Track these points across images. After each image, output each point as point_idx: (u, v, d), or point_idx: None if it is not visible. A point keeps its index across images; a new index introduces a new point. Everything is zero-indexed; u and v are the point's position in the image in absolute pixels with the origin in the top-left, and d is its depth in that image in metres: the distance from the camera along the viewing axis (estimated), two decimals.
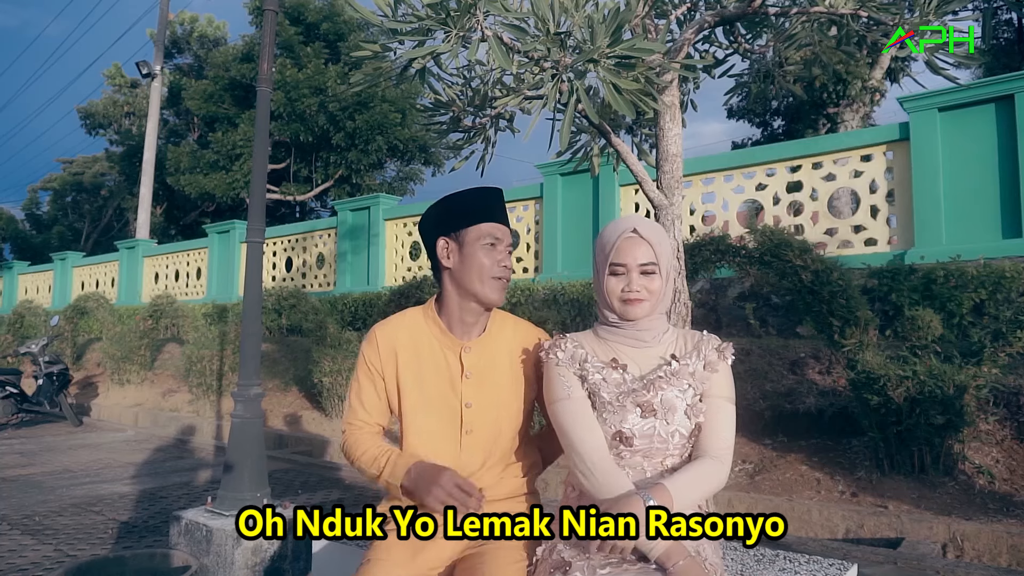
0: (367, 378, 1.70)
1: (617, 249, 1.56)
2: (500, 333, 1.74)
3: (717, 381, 1.55)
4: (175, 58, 22.91)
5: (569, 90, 2.02)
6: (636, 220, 1.59)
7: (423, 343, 1.70)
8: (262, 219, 2.88)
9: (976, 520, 3.65)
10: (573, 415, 1.53)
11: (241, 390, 2.93)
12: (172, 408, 8.98)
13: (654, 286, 1.55)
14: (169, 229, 23.26)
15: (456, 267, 1.67)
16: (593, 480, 1.48)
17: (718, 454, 1.53)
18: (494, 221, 1.68)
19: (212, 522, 2.63)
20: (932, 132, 6.31)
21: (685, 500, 1.46)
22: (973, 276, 5.33)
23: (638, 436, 1.51)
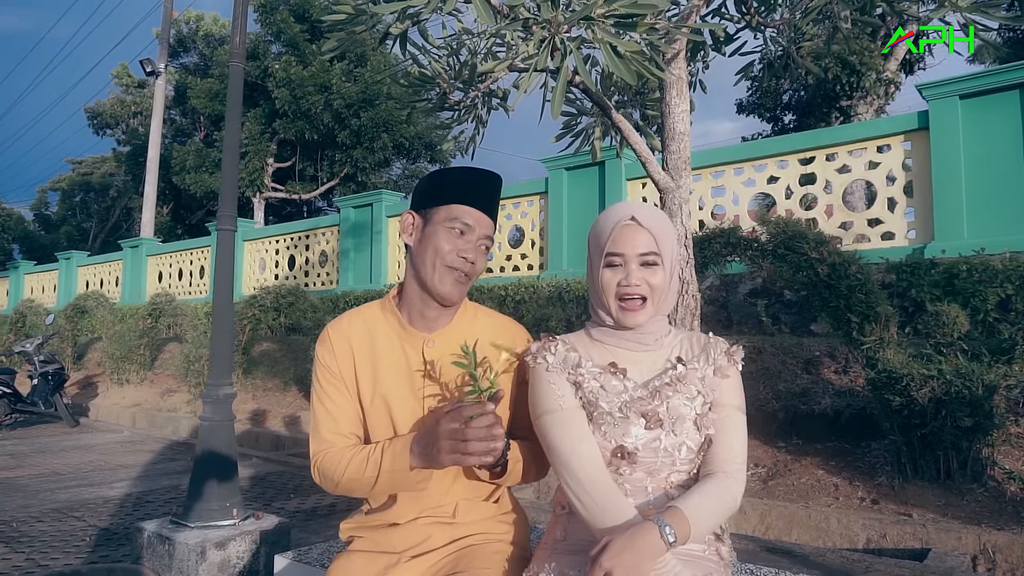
0: (329, 385, 1.46)
1: (613, 239, 1.35)
2: (470, 325, 1.51)
3: (727, 388, 1.36)
4: (181, 57, 22.82)
5: (562, 53, 1.80)
6: (635, 206, 1.37)
7: (379, 337, 1.48)
8: (234, 206, 2.67)
9: (1009, 530, 3.40)
10: (565, 428, 1.31)
11: (210, 390, 2.72)
12: (170, 408, 8.82)
13: (656, 279, 1.33)
14: (176, 228, 23.20)
15: (415, 246, 1.46)
16: (589, 502, 1.26)
17: (732, 470, 1.32)
18: (471, 205, 1.43)
19: (176, 535, 2.42)
20: (953, 120, 6.04)
21: (703, 528, 1.24)
22: (999, 270, 5.06)
23: (642, 450, 1.30)
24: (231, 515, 2.56)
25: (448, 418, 1.24)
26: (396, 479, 1.33)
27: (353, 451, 1.39)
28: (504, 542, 1.43)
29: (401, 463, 1.31)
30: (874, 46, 10.54)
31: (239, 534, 2.50)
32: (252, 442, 7.07)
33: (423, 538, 1.39)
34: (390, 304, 1.51)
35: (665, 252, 1.34)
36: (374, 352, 1.46)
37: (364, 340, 1.47)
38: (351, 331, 1.48)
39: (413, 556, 1.37)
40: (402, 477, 1.32)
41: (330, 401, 1.44)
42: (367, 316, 1.51)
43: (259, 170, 17.45)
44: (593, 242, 1.40)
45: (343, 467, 1.37)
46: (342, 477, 1.37)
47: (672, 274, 1.36)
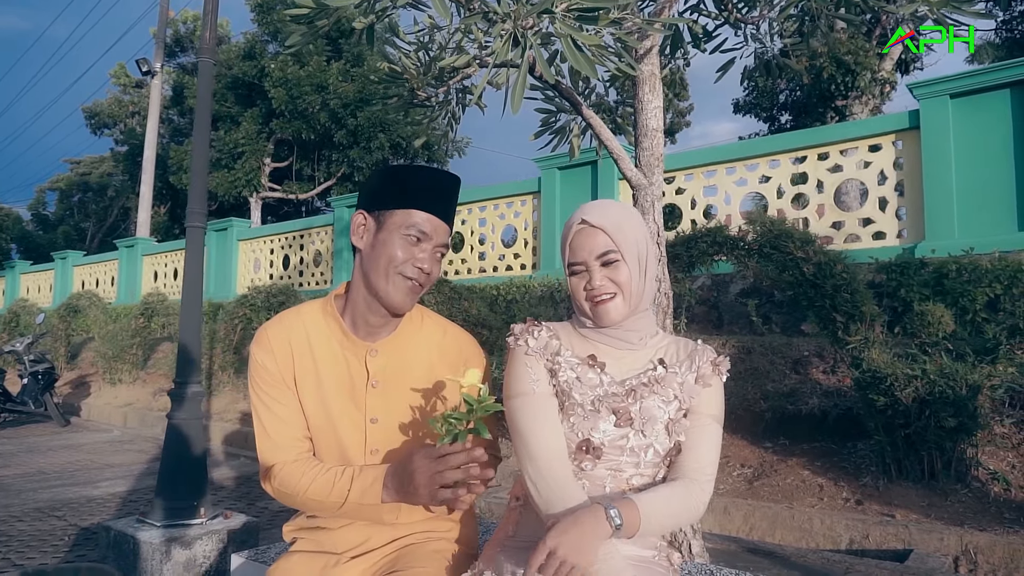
0: (272, 388, 1.36)
1: (571, 247, 1.33)
2: (416, 332, 1.44)
3: (707, 398, 1.33)
4: (178, 57, 22.82)
5: (523, 46, 1.78)
6: (586, 208, 1.34)
7: (320, 345, 1.39)
8: (204, 202, 2.64)
9: (991, 531, 3.37)
10: (534, 413, 1.29)
11: (178, 388, 2.70)
12: (162, 408, 8.79)
13: (620, 276, 1.30)
14: (173, 228, 23.19)
15: (367, 251, 1.36)
16: (544, 489, 1.24)
17: (699, 478, 1.29)
18: (429, 212, 1.35)
19: (141, 533, 2.40)
20: (944, 120, 6.02)
21: (655, 523, 1.21)
22: (987, 270, 5.04)
23: (607, 447, 1.28)
24: (198, 514, 2.54)
25: (423, 455, 1.20)
26: (365, 511, 1.29)
27: (315, 471, 1.32)
28: (446, 540, 1.40)
29: (372, 497, 1.27)
30: (869, 46, 10.51)
31: (205, 533, 2.48)
32: (241, 442, 7.04)
33: (363, 539, 1.36)
34: (331, 308, 1.42)
35: (625, 247, 1.31)
36: (315, 359, 1.38)
37: (303, 345, 1.39)
38: (291, 334, 1.39)
39: (353, 556, 1.34)
40: (372, 511, 1.28)
41: (277, 404, 1.36)
42: (307, 319, 1.42)
43: (256, 170, 17.44)
44: (561, 248, 1.39)
45: (304, 486, 1.31)
46: (302, 495, 1.32)
47: (641, 267, 1.33)
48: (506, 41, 1.77)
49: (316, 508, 1.34)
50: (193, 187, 2.61)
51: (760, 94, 13.90)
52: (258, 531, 2.73)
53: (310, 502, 1.32)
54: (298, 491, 1.32)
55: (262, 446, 1.38)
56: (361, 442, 1.37)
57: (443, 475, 1.18)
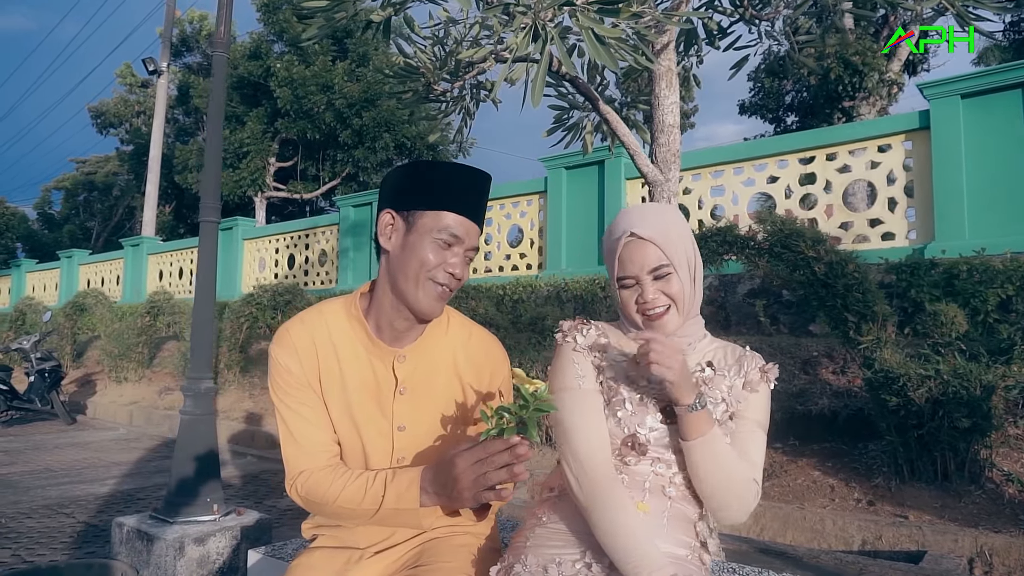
0: (297, 391, 1.30)
1: (620, 260, 1.30)
2: (443, 336, 1.39)
3: (754, 403, 1.32)
4: (184, 56, 22.85)
5: (544, 39, 1.76)
6: (633, 218, 1.30)
7: (345, 349, 1.33)
8: (217, 197, 2.63)
9: (1006, 533, 3.34)
10: (580, 408, 1.29)
11: (191, 383, 2.68)
12: (168, 406, 8.80)
13: (673, 288, 1.29)
14: (178, 228, 23.23)
15: (395, 252, 1.29)
16: (585, 483, 1.24)
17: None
18: (462, 215, 1.28)
19: (154, 530, 2.39)
20: (954, 120, 5.99)
21: (713, 449, 1.24)
22: (999, 271, 5.01)
23: (653, 443, 1.28)
24: (211, 511, 2.52)
25: (466, 457, 1.15)
26: (402, 517, 1.24)
27: (345, 478, 1.27)
28: (471, 534, 1.37)
29: (409, 502, 1.21)
30: (876, 46, 10.47)
31: (219, 530, 2.46)
32: (248, 440, 7.04)
33: (387, 534, 1.33)
34: (356, 310, 1.35)
35: (676, 258, 1.28)
36: (339, 362, 1.32)
37: (328, 347, 1.33)
38: (315, 335, 1.33)
39: (376, 551, 1.32)
40: (410, 516, 1.23)
41: (301, 406, 1.30)
42: (329, 319, 1.35)
43: (261, 169, 17.45)
44: (606, 259, 1.36)
45: (334, 494, 1.26)
46: (332, 504, 1.27)
47: (693, 273, 1.31)
48: (526, 34, 1.75)
49: (348, 517, 1.29)
50: (206, 182, 2.60)
51: (766, 95, 13.87)
52: (271, 528, 2.72)
53: (341, 510, 1.27)
54: (327, 499, 1.27)
55: (288, 452, 1.32)
56: (388, 450, 1.33)
57: (487, 476, 1.14)
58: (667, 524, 1.25)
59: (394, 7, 1.96)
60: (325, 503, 1.28)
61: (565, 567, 1.21)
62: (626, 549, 1.17)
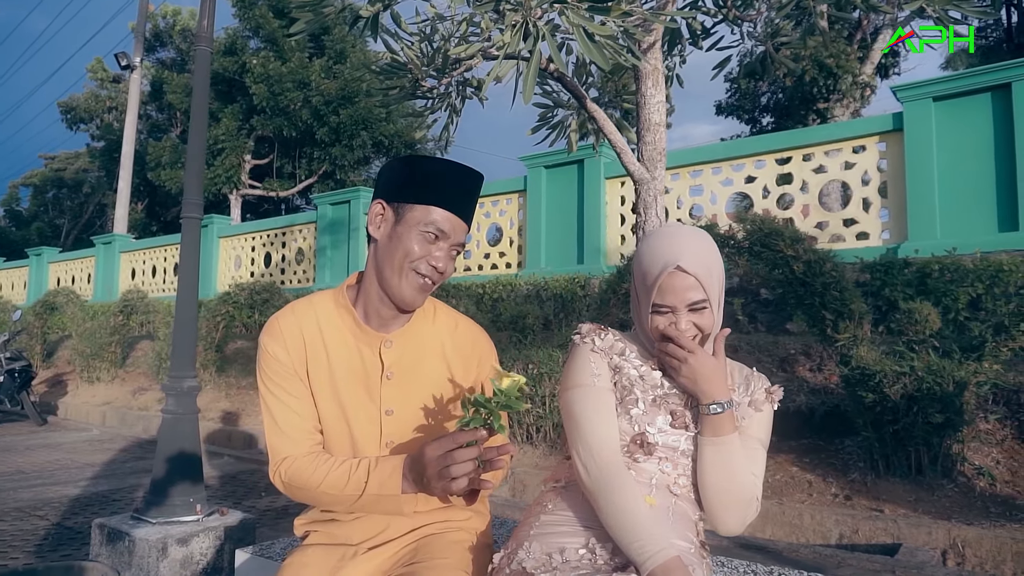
0: (283, 380, 1.33)
1: (660, 289, 1.31)
2: (430, 324, 1.42)
3: (757, 422, 1.37)
4: (157, 52, 22.50)
5: (535, 37, 1.77)
6: (681, 250, 1.30)
7: (332, 335, 1.36)
8: (199, 195, 2.59)
9: (977, 525, 3.43)
10: (593, 404, 1.32)
11: (173, 382, 2.65)
12: (142, 407, 8.65)
13: (705, 322, 1.32)
14: (150, 225, 22.86)
15: (383, 242, 1.33)
16: (594, 470, 1.27)
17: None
18: (450, 211, 1.31)
19: (136, 531, 2.35)
20: (927, 122, 6.11)
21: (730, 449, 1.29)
22: (970, 270, 5.13)
23: (661, 445, 1.32)
24: (194, 511, 2.49)
25: (432, 447, 1.18)
26: (384, 503, 1.26)
27: (328, 464, 1.29)
28: (465, 530, 1.38)
29: (391, 488, 1.24)
30: (850, 49, 10.65)
31: (202, 530, 2.43)
32: (224, 440, 6.96)
33: (380, 529, 1.34)
34: (344, 299, 1.39)
35: (712, 293, 1.31)
36: (327, 350, 1.35)
37: (316, 336, 1.36)
38: (303, 324, 1.36)
39: (370, 548, 1.32)
40: (391, 502, 1.26)
41: (286, 394, 1.33)
42: (319, 309, 1.39)
43: (236, 167, 17.24)
44: (639, 282, 1.37)
45: (317, 480, 1.28)
46: (315, 489, 1.29)
47: (720, 303, 1.36)
48: (517, 32, 1.75)
49: (330, 502, 1.32)
50: (189, 178, 2.56)
51: (743, 96, 14.04)
52: (255, 528, 2.69)
53: (324, 496, 1.29)
54: (310, 485, 1.29)
55: (272, 439, 1.34)
56: (376, 434, 1.35)
57: (451, 468, 1.16)
58: (672, 519, 1.27)
59: (383, 2, 1.95)
60: (308, 488, 1.30)
61: (569, 553, 1.23)
62: (633, 529, 1.19)
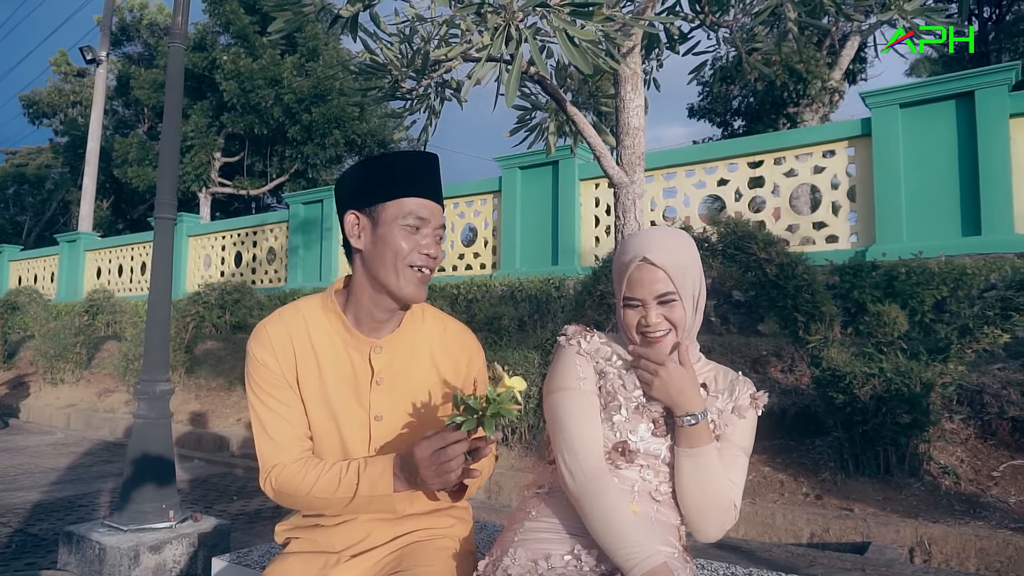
0: (272, 387, 1.32)
1: (629, 281, 1.33)
2: (419, 328, 1.42)
3: (740, 429, 1.37)
4: (124, 46, 22.04)
5: (517, 40, 1.77)
6: (648, 243, 1.33)
7: (322, 341, 1.36)
8: (173, 195, 2.55)
9: (943, 522, 3.51)
10: (578, 407, 1.32)
11: (145, 386, 2.59)
12: (108, 409, 8.47)
13: (676, 315, 1.32)
14: (117, 223, 22.38)
15: (368, 249, 1.32)
16: (579, 475, 1.26)
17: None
18: (420, 196, 1.32)
19: (107, 539, 2.29)
20: (894, 128, 6.24)
21: (708, 460, 1.28)
22: (935, 273, 5.25)
23: (642, 453, 1.32)
24: (167, 517, 2.43)
25: (427, 444, 1.18)
26: (377, 503, 1.26)
27: (318, 469, 1.29)
28: (449, 537, 1.38)
29: (383, 488, 1.24)
30: (820, 55, 10.84)
31: (175, 537, 2.38)
32: (194, 443, 6.84)
33: (363, 536, 1.32)
34: (332, 304, 1.38)
35: (684, 288, 1.31)
36: (317, 356, 1.35)
37: (305, 342, 1.35)
38: (292, 331, 1.35)
39: (353, 555, 1.31)
40: (384, 502, 1.25)
41: (275, 402, 1.32)
42: (307, 315, 1.38)
43: (205, 164, 16.97)
44: (615, 277, 1.39)
45: (308, 485, 1.27)
46: (306, 495, 1.28)
47: (697, 303, 1.35)
48: (499, 35, 1.75)
49: (322, 506, 1.30)
50: (162, 178, 2.51)
51: (715, 99, 14.20)
52: (229, 533, 2.64)
53: (316, 501, 1.28)
54: (301, 491, 1.28)
55: (262, 447, 1.33)
56: (365, 439, 1.34)
57: (447, 464, 1.17)
58: (655, 526, 1.27)
59: (363, 2, 1.94)
60: (299, 495, 1.29)
61: (555, 560, 1.22)
62: (620, 536, 1.19)
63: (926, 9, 2.06)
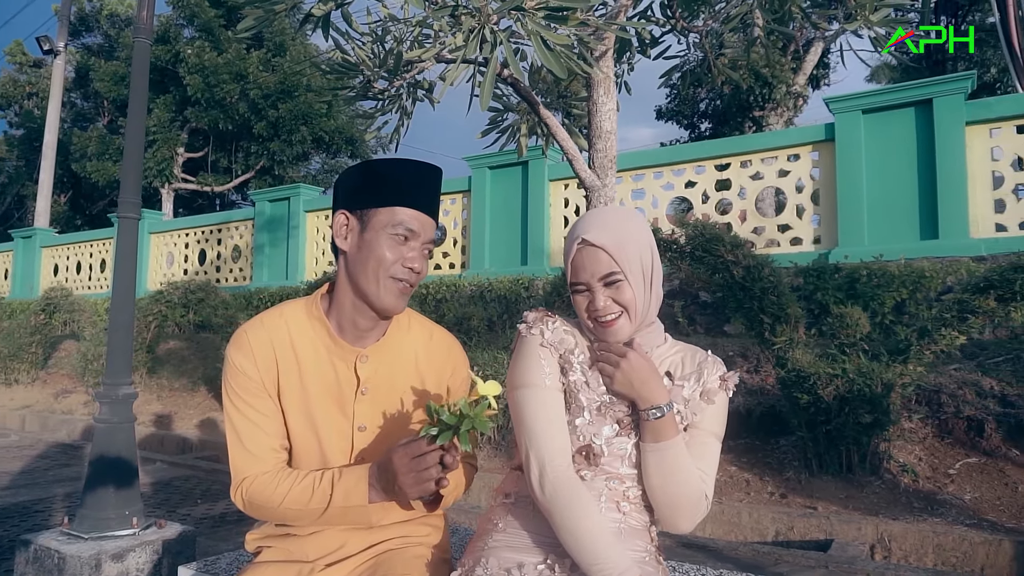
0: (249, 394, 1.28)
1: (572, 266, 1.28)
2: (404, 337, 1.38)
3: (710, 414, 1.31)
4: (83, 36, 21.45)
5: (492, 43, 1.76)
6: (586, 224, 1.28)
7: (305, 349, 1.31)
8: (137, 193, 2.48)
9: (902, 519, 3.60)
10: (546, 407, 1.26)
11: (107, 389, 2.53)
12: (66, 410, 8.25)
13: (624, 296, 1.25)
14: (75, 219, 21.78)
15: (352, 252, 1.29)
16: (548, 487, 1.21)
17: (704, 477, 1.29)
18: (416, 208, 1.27)
19: (67, 547, 2.23)
20: (856, 133, 6.39)
21: (675, 454, 1.24)
22: (895, 275, 5.38)
23: (607, 455, 1.27)
24: (130, 524, 2.37)
25: (404, 452, 1.16)
26: (351, 514, 1.23)
27: (290, 479, 1.25)
28: (424, 545, 1.36)
29: (358, 498, 1.21)
30: (784, 60, 11.03)
31: (139, 544, 2.32)
32: (156, 445, 6.69)
33: (338, 545, 1.30)
34: (317, 310, 1.34)
35: (628, 266, 1.25)
36: (299, 364, 1.31)
37: (287, 349, 1.30)
38: (274, 337, 1.31)
39: (327, 564, 1.28)
40: (359, 512, 1.22)
41: (252, 411, 1.28)
42: (291, 320, 1.33)
43: (168, 160, 16.60)
44: (564, 264, 1.34)
45: (279, 496, 1.24)
46: (278, 507, 1.24)
47: (649, 280, 1.29)
48: (474, 37, 1.74)
49: (295, 518, 1.27)
50: (126, 177, 2.44)
51: (682, 102, 14.35)
52: (195, 540, 2.59)
53: (288, 512, 1.25)
54: (273, 503, 1.25)
55: (235, 456, 1.29)
56: (347, 450, 1.31)
57: (424, 473, 1.15)
58: (622, 535, 1.24)
59: (335, 0, 1.91)
60: (271, 507, 1.25)
61: (527, 569, 1.20)
62: (592, 552, 1.16)
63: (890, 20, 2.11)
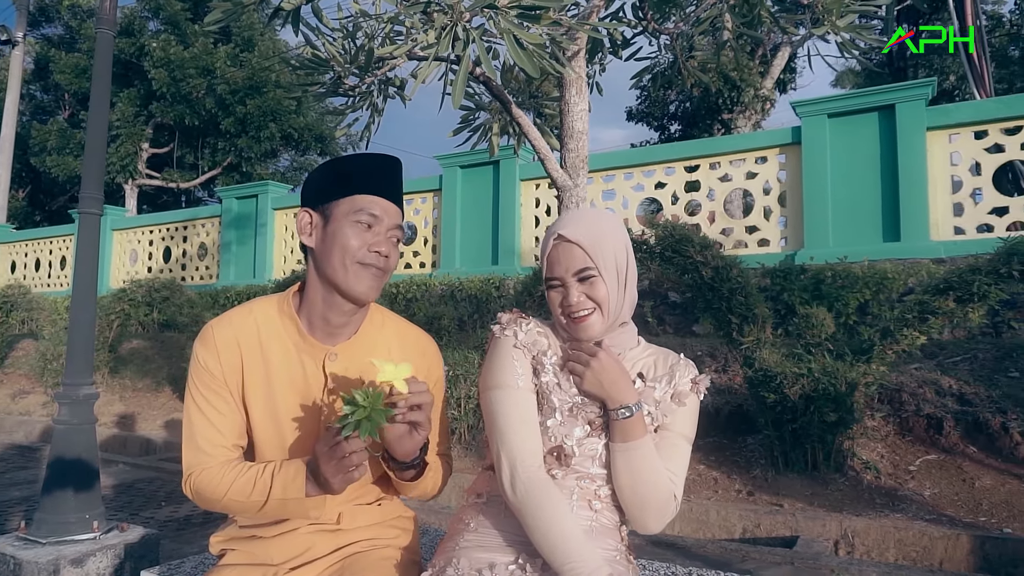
0: (210, 391, 1.28)
1: (548, 262, 1.30)
2: (377, 335, 1.37)
3: (681, 417, 1.33)
4: (43, 27, 20.86)
5: (464, 41, 1.75)
6: (564, 221, 1.31)
7: (274, 347, 1.31)
8: (99, 188, 2.42)
9: (865, 515, 3.68)
10: (518, 408, 1.27)
11: (68, 390, 2.46)
12: (23, 411, 8.02)
13: (598, 293, 1.27)
14: (34, 215, 21.20)
15: (318, 246, 1.29)
16: (520, 488, 1.21)
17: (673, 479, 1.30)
18: (374, 194, 1.28)
19: (23, 552, 2.16)
20: (822, 137, 6.50)
21: (643, 453, 1.25)
22: (859, 276, 5.50)
23: (578, 455, 1.28)
24: (91, 528, 2.31)
25: (321, 442, 1.15)
26: (289, 507, 1.22)
27: (236, 471, 1.25)
28: (393, 547, 1.35)
29: (295, 491, 1.20)
30: (753, 64, 11.20)
31: (99, 549, 2.26)
32: (119, 447, 6.55)
33: (304, 548, 1.28)
34: (288, 307, 1.33)
35: (602, 262, 1.27)
36: (267, 361, 1.30)
37: (254, 347, 1.30)
38: (240, 335, 1.30)
39: (293, 568, 1.26)
40: (297, 505, 1.21)
41: (210, 408, 1.27)
42: (260, 317, 1.32)
43: (132, 155, 16.23)
44: (540, 262, 1.36)
45: (224, 488, 1.24)
46: (222, 498, 1.24)
47: (623, 280, 1.31)
48: (447, 35, 1.73)
49: (239, 510, 1.27)
50: (87, 172, 2.37)
51: (652, 104, 14.49)
52: (159, 544, 2.53)
53: (232, 503, 1.25)
54: (217, 494, 1.25)
55: (187, 449, 1.29)
56: (311, 449, 1.28)
57: (343, 461, 1.13)
58: (592, 534, 1.25)
59: None
60: (216, 499, 1.25)
61: (499, 569, 1.20)
62: (564, 551, 1.17)
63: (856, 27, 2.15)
